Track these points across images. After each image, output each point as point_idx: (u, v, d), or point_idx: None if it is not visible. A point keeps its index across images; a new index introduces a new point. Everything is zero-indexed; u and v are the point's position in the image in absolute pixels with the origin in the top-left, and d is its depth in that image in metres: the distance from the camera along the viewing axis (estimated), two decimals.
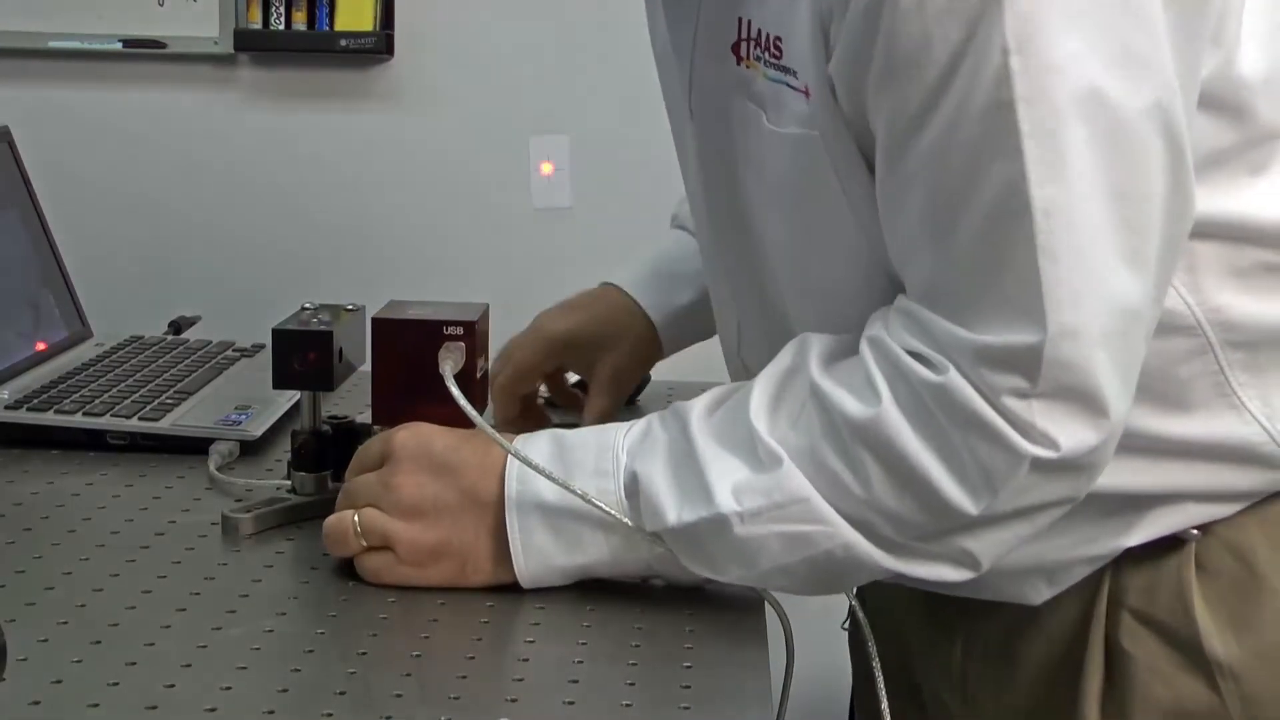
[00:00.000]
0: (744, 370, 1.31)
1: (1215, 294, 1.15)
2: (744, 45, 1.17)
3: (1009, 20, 1.00)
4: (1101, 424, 1.05)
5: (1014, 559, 1.15)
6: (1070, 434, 1.04)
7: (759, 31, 1.16)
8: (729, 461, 1.11)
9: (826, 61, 1.09)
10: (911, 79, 1.03)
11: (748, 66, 1.17)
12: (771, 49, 1.15)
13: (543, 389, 1.63)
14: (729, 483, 1.10)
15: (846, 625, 1.40)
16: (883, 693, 1.18)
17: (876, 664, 1.19)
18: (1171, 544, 1.21)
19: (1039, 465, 1.05)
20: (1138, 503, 1.18)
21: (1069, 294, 1.02)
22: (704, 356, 1.52)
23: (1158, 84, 1.04)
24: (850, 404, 1.08)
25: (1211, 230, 1.13)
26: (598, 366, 1.53)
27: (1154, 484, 1.18)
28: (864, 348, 1.10)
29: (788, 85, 1.14)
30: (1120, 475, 1.12)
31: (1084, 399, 1.04)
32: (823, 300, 1.19)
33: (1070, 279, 1.02)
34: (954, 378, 1.04)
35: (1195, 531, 1.20)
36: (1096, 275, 1.03)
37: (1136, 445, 1.12)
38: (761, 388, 1.13)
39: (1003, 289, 1.03)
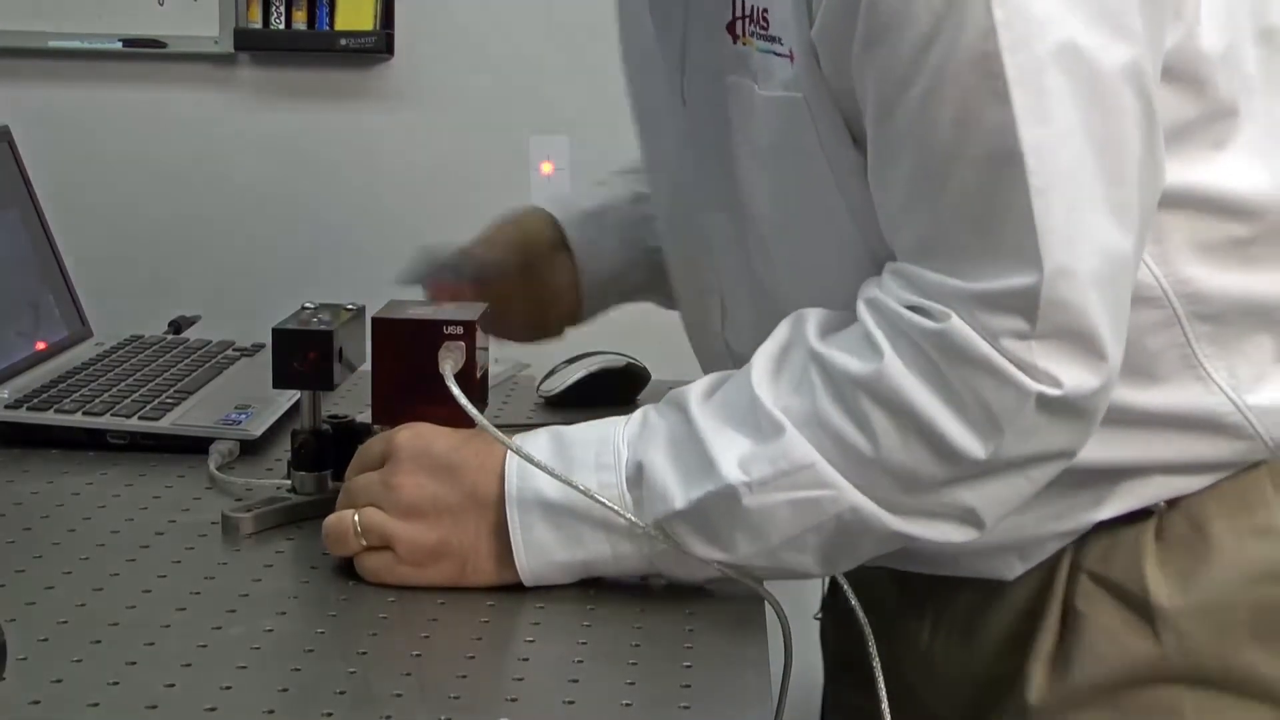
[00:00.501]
0: (727, 352, 1.32)
1: (1183, 266, 1.17)
2: (739, 23, 1.20)
3: None
4: (1100, 366, 1.07)
5: (989, 536, 1.16)
6: (1071, 374, 1.07)
7: (751, 7, 1.18)
8: (732, 436, 1.12)
9: (809, 26, 1.12)
10: (896, 39, 1.06)
11: (744, 44, 1.20)
12: (760, 20, 1.18)
13: (543, 389, 1.63)
14: (734, 455, 1.11)
15: (818, 616, 1.41)
16: (882, 692, 1.18)
17: (876, 663, 1.19)
18: (1136, 515, 1.23)
19: (1044, 403, 1.07)
20: (1108, 475, 1.20)
21: (1062, 235, 1.05)
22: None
23: (1133, 45, 1.07)
24: (852, 363, 1.10)
25: (1178, 201, 1.15)
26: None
27: (1123, 456, 1.20)
28: (861, 309, 1.12)
29: (774, 53, 1.17)
30: (1090, 447, 1.13)
31: (1082, 340, 1.06)
32: (811, 278, 1.20)
33: (1063, 220, 1.05)
34: (955, 323, 1.06)
35: (1163, 504, 1.23)
36: (1086, 218, 1.06)
37: (1106, 416, 1.13)
38: (762, 361, 1.14)
39: (998, 234, 1.06)
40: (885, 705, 1.18)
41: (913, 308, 1.08)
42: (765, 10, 1.17)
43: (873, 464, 1.09)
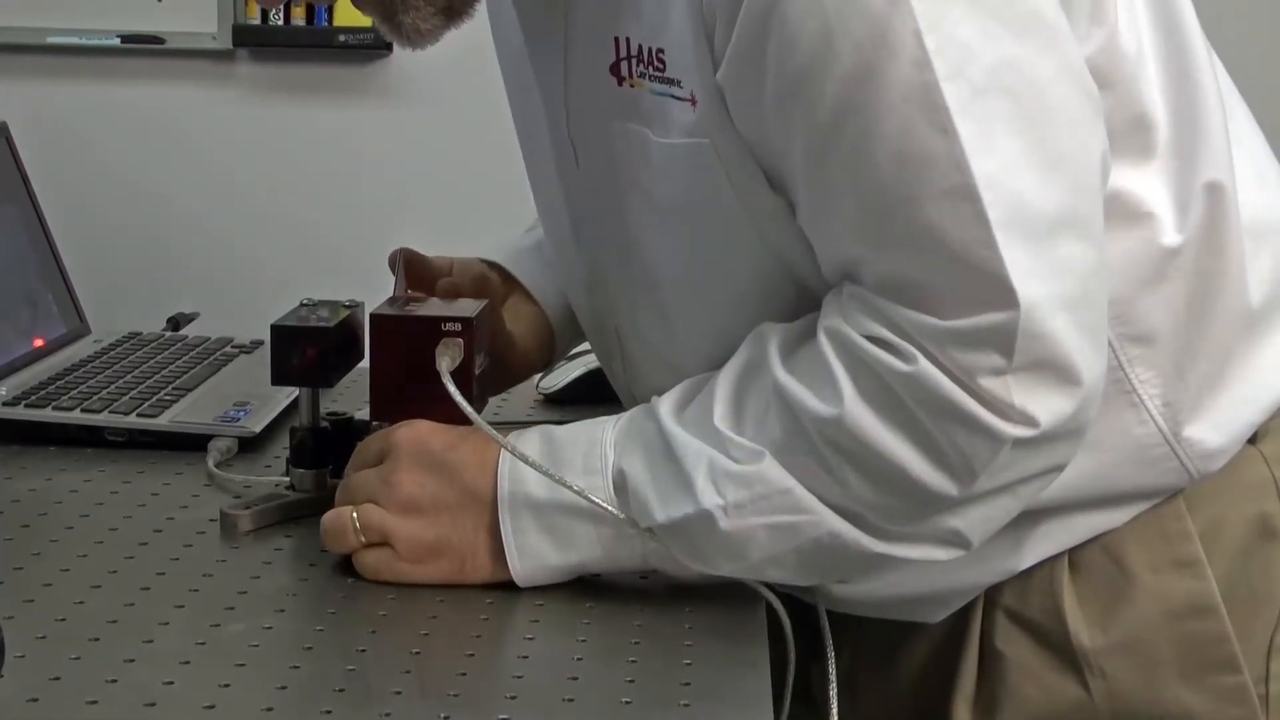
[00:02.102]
0: (633, 402, 1.27)
1: (1114, 285, 1.12)
2: (624, 64, 1.14)
3: (915, 3, 0.99)
4: (1074, 392, 1.04)
5: (909, 589, 1.18)
6: (1047, 407, 1.04)
7: (639, 47, 1.13)
8: (706, 454, 1.10)
9: (713, 69, 1.07)
10: (819, 79, 1.02)
11: (632, 85, 1.14)
12: (654, 62, 1.12)
13: (542, 386, 1.63)
14: (709, 476, 1.09)
15: None
16: (834, 704, 1.18)
17: (832, 668, 1.19)
18: None
19: (1020, 444, 1.04)
20: (1027, 517, 1.15)
21: (1030, 265, 1.02)
22: None
23: (1065, 46, 1.05)
24: (812, 402, 1.07)
25: (1110, 209, 1.11)
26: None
27: (1043, 494, 1.13)
28: (822, 339, 1.08)
29: (672, 96, 1.11)
30: None
31: (1057, 368, 1.03)
32: (724, 318, 1.17)
33: (1029, 249, 1.02)
34: (924, 367, 1.03)
35: None
36: (1052, 241, 1.03)
37: None
38: (722, 392, 1.12)
39: (965, 271, 1.02)
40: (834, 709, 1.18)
41: (877, 339, 1.05)
42: (660, 51, 1.11)
43: (845, 500, 1.08)
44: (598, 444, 1.15)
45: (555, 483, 1.12)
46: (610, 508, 1.12)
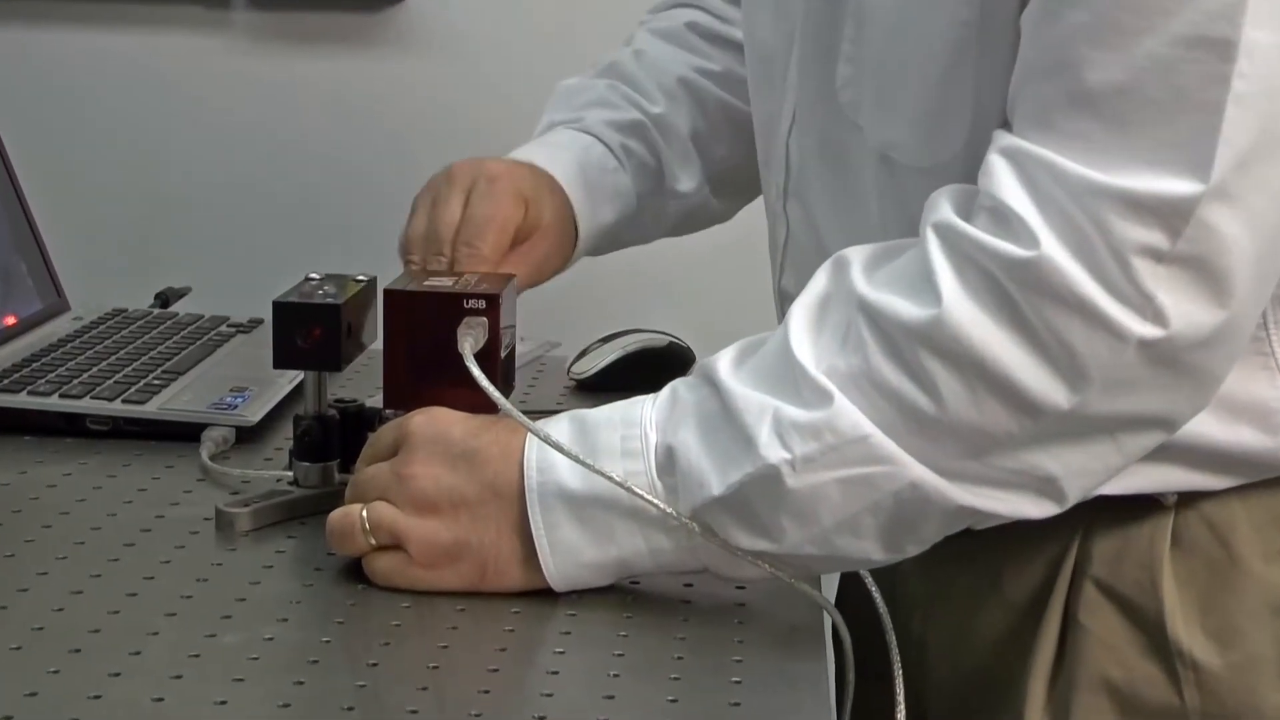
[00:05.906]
0: (784, 159, 1.33)
1: None
2: None
3: None
4: (1217, 312, 1.05)
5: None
6: (1184, 311, 1.04)
7: None
8: (770, 406, 1.10)
9: None
10: None
11: None
12: None
13: (574, 370, 1.64)
14: (774, 429, 1.09)
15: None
16: (899, 693, 1.18)
17: (896, 655, 1.19)
18: (1148, 510, 1.21)
19: (1144, 349, 1.04)
20: None
21: (1242, 155, 1.02)
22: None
23: None
24: (905, 308, 1.07)
25: None
26: (531, 242, 1.50)
27: None
28: (928, 234, 1.09)
29: None
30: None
31: (1213, 274, 1.04)
32: (897, 97, 1.20)
33: (1250, 140, 1.02)
34: (1047, 252, 1.03)
35: (1174, 496, 1.20)
36: (1273, 151, 1.03)
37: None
38: (800, 316, 1.13)
39: (1171, 127, 1.03)
40: (901, 698, 1.18)
41: (999, 215, 1.05)
42: None
43: (937, 426, 1.07)
44: (636, 424, 1.15)
45: (590, 471, 1.13)
46: (650, 496, 1.12)
